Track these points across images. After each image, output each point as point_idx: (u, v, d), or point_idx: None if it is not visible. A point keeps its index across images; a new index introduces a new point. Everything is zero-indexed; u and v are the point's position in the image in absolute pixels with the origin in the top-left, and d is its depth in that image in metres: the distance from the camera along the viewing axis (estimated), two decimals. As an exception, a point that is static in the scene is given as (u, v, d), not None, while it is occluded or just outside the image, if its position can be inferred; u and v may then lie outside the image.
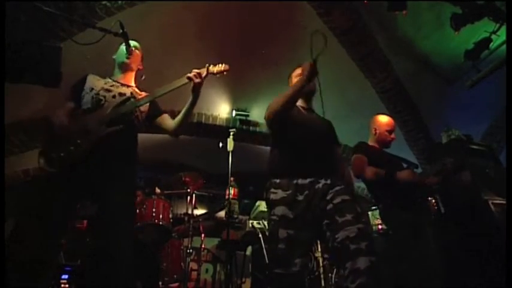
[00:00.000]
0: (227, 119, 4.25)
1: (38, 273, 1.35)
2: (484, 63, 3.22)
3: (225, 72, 1.72)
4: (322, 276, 2.89)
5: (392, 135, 2.47)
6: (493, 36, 2.90)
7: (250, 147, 4.44)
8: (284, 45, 3.45)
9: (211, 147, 3.52)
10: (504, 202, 2.74)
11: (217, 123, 4.21)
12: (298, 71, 1.79)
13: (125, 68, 1.82)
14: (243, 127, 4.20)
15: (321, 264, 2.95)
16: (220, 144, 2.87)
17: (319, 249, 2.88)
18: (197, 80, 1.64)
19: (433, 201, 3.43)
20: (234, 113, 4.17)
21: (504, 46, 2.98)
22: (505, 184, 2.87)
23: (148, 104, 1.76)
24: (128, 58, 1.80)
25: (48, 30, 2.23)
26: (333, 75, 3.80)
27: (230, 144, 2.74)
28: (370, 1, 2.75)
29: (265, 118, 1.66)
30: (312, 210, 1.46)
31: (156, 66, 1.70)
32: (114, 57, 1.87)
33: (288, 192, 1.49)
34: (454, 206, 3.00)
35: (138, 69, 1.90)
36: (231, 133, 2.79)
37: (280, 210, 1.47)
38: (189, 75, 1.65)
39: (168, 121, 1.79)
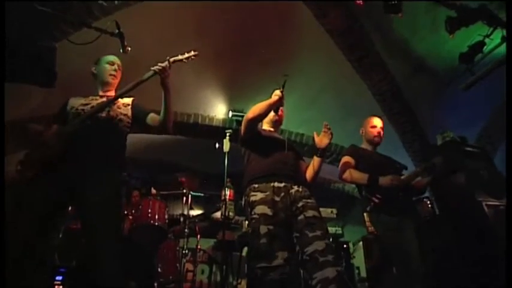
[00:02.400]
0: (224, 120, 4.25)
1: (22, 272, 1.33)
2: (478, 66, 3.26)
3: (193, 58, 1.77)
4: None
5: (376, 130, 2.48)
6: (487, 40, 2.94)
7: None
8: (281, 46, 3.46)
9: (208, 148, 3.52)
10: (497, 203, 2.78)
11: (214, 124, 4.21)
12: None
13: (107, 85, 1.84)
14: (239, 128, 4.20)
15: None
16: (217, 145, 2.87)
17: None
18: (162, 74, 1.66)
19: (428, 202, 3.47)
20: (230, 113, 4.17)
21: (498, 50, 3.03)
22: (499, 185, 2.91)
23: (130, 108, 1.79)
24: (112, 78, 1.83)
25: (43, 29, 2.22)
26: (329, 77, 3.83)
27: (226, 145, 2.74)
28: (366, 1, 2.76)
29: (241, 131, 1.91)
30: (286, 211, 1.65)
31: (151, 66, 1.70)
32: (93, 71, 1.86)
33: (266, 194, 1.68)
34: (449, 208, 3.03)
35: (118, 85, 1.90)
36: (227, 134, 2.79)
37: (260, 209, 1.63)
38: (153, 68, 1.67)
39: (156, 118, 1.79)
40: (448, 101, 4.13)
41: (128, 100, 1.83)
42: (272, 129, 2.10)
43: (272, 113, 1.95)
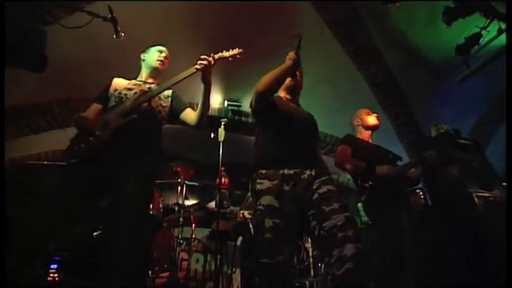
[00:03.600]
0: (219, 110, 4.22)
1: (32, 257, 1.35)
2: (474, 59, 3.26)
3: (238, 56, 1.74)
4: (311, 266, 2.95)
5: (374, 115, 2.55)
6: (483, 32, 2.94)
7: (243, 138, 4.43)
8: (277, 36, 3.42)
9: (203, 138, 3.50)
10: (487, 195, 2.83)
11: (209, 113, 4.18)
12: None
13: (154, 70, 1.87)
14: (235, 117, 4.18)
15: (310, 254, 3.00)
16: (212, 135, 2.85)
17: (309, 240, 2.92)
18: (205, 71, 1.65)
19: (421, 193, 3.51)
20: (226, 103, 4.14)
21: (494, 42, 3.04)
22: (490, 178, 2.96)
23: (170, 100, 1.80)
24: (159, 64, 1.86)
25: (35, 13, 2.16)
26: (325, 67, 3.80)
27: (221, 134, 2.72)
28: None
29: (252, 104, 1.65)
30: (298, 200, 1.48)
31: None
32: (142, 57, 1.89)
33: (274, 183, 1.49)
34: (441, 198, 3.08)
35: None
36: (223, 123, 2.77)
37: (266, 200, 1.47)
38: (197, 66, 1.65)
39: (191, 115, 1.80)
40: (443, 93, 4.15)
41: (169, 92, 1.83)
42: (289, 96, 1.82)
43: (288, 79, 1.73)
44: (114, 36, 1.71)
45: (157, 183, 3.32)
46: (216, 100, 4.18)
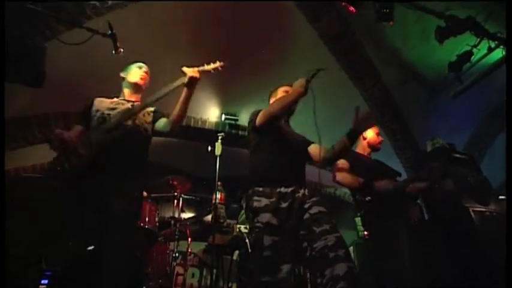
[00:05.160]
0: (216, 123, 4.25)
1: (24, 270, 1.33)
2: (466, 75, 3.34)
3: (219, 68, 1.76)
4: (309, 280, 2.90)
5: (380, 138, 2.56)
6: (474, 50, 3.03)
7: (240, 151, 4.44)
8: (274, 50, 3.49)
9: (200, 151, 3.50)
10: (484, 210, 2.83)
11: (207, 126, 4.20)
12: (284, 88, 1.89)
13: (135, 87, 1.87)
14: (232, 131, 4.20)
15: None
16: (209, 148, 2.86)
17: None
18: (192, 84, 1.67)
19: (418, 207, 3.50)
20: (223, 117, 4.17)
21: (484, 60, 3.12)
22: (486, 192, 2.97)
23: (152, 114, 1.79)
24: (141, 80, 1.86)
25: (35, 28, 2.19)
26: (322, 81, 3.85)
27: (218, 148, 2.73)
28: (359, 9, 2.81)
29: (258, 122, 1.69)
30: (293, 218, 1.52)
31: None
32: (122, 75, 1.89)
33: (271, 200, 1.52)
34: (437, 213, 3.07)
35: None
36: (219, 137, 2.78)
37: (264, 217, 1.48)
38: (186, 81, 1.66)
39: (163, 122, 1.80)
40: (437, 108, 4.21)
41: (152, 107, 1.84)
42: (285, 120, 1.92)
43: None
44: (113, 52, 1.74)
45: (153, 196, 3.30)
46: (214, 114, 4.21)
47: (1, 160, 1.47)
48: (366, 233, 3.08)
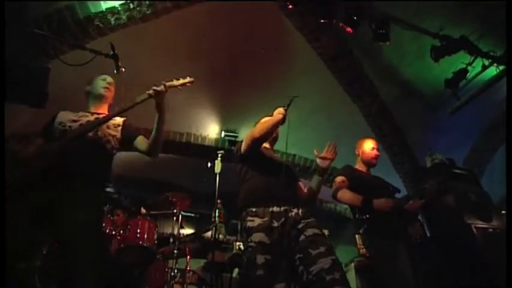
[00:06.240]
0: (216, 140, 4.26)
1: None
2: (463, 91, 3.39)
3: (188, 84, 1.74)
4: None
5: (375, 153, 2.53)
6: (469, 68, 3.10)
7: (239, 167, 4.45)
8: (274, 68, 3.55)
9: (200, 167, 3.50)
10: (486, 226, 2.80)
11: (206, 143, 4.21)
12: (265, 119, 1.93)
13: (100, 99, 1.84)
14: (232, 148, 4.22)
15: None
16: (209, 164, 2.86)
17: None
18: (157, 98, 1.63)
19: (419, 225, 3.47)
20: (223, 134, 4.19)
21: (479, 77, 3.19)
22: (487, 208, 2.94)
23: (120, 129, 1.76)
24: (105, 91, 1.83)
25: (38, 48, 2.24)
26: (321, 98, 3.91)
27: (218, 166, 2.74)
28: (356, 29, 2.88)
29: (243, 148, 1.78)
30: (286, 237, 1.55)
31: (148, 87, 1.72)
32: (87, 89, 1.86)
33: (264, 219, 1.56)
34: (439, 230, 3.03)
35: (110, 103, 1.90)
36: (219, 155, 2.79)
37: (257, 236, 1.51)
38: (149, 92, 1.64)
39: (143, 143, 1.77)
40: (436, 124, 4.24)
41: (120, 120, 1.81)
42: (268, 146, 2.01)
43: None
44: (115, 72, 1.77)
45: (152, 214, 3.28)
46: (213, 130, 4.23)
47: (1, 160, 1.44)
48: (365, 251, 3.05)
